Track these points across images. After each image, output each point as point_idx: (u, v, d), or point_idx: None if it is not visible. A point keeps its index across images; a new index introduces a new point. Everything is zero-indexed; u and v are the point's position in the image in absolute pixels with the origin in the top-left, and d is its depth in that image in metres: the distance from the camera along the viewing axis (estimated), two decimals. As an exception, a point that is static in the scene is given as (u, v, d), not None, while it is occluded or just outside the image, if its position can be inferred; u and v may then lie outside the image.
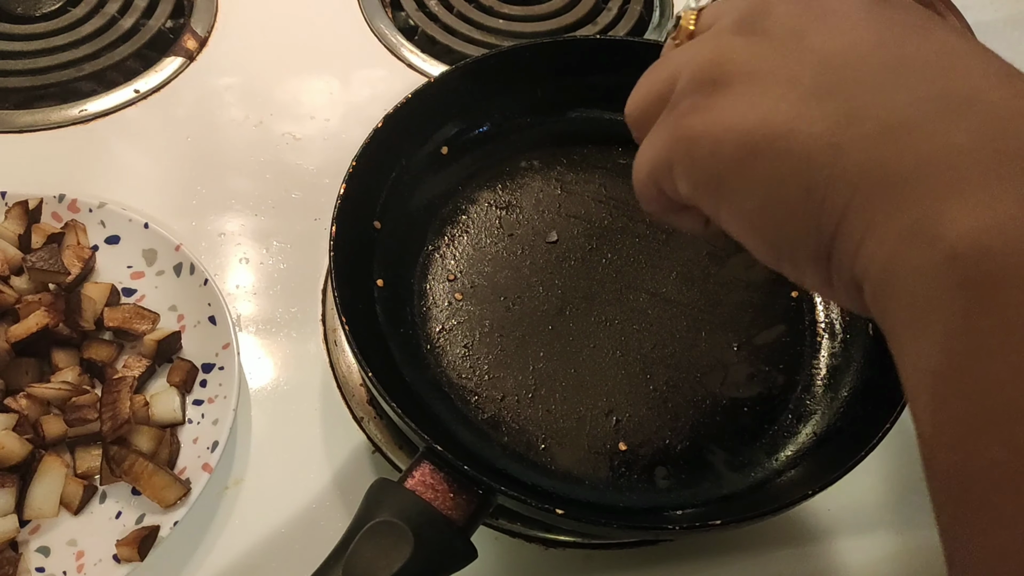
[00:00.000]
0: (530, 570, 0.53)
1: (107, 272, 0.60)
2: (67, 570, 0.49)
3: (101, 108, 0.72)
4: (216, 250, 0.65)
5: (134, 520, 0.51)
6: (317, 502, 0.55)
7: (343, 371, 0.59)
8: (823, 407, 0.56)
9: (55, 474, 0.51)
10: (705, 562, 0.54)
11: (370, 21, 0.81)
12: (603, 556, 0.54)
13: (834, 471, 0.48)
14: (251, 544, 0.53)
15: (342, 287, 0.52)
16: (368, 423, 0.57)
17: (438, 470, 0.46)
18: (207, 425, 0.54)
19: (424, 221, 0.62)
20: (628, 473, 0.54)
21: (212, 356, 0.57)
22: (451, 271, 0.61)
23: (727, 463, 0.54)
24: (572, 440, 0.55)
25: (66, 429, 0.52)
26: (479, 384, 0.56)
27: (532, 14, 0.83)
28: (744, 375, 0.58)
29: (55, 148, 0.69)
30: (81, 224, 0.61)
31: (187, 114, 0.73)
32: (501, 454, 0.54)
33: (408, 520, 0.43)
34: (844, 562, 0.55)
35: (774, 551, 0.55)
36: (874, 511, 0.57)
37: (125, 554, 0.49)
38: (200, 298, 0.58)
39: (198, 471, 0.52)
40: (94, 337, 0.57)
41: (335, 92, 0.76)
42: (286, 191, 0.69)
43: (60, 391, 0.53)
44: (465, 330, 0.58)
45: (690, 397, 0.57)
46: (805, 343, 0.59)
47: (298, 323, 0.62)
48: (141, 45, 0.77)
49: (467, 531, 0.45)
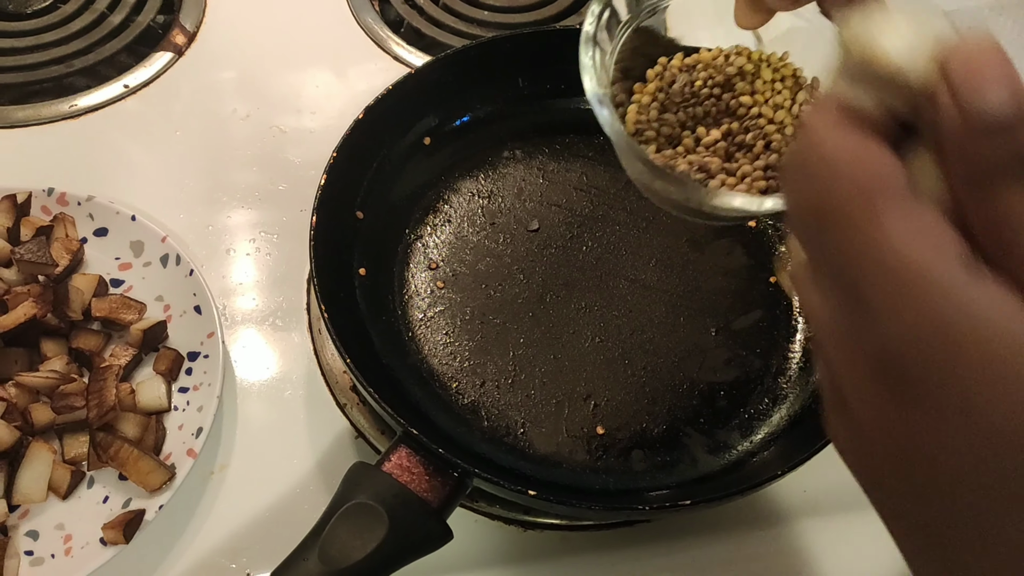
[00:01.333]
0: (508, 552, 0.54)
1: (95, 264, 0.61)
2: (55, 553, 0.51)
3: (91, 103, 0.73)
4: (203, 241, 0.66)
5: (120, 504, 0.52)
6: (301, 487, 0.56)
7: (327, 359, 0.60)
8: (797, 390, 0.57)
9: (43, 460, 0.52)
10: (682, 543, 0.55)
11: (357, 15, 0.82)
12: (580, 537, 0.55)
13: (806, 452, 0.49)
14: (235, 528, 0.54)
15: (323, 276, 0.53)
16: (351, 409, 0.58)
17: (415, 453, 0.47)
18: (192, 412, 0.55)
19: (406, 210, 0.63)
20: (605, 456, 0.55)
21: (197, 345, 0.58)
22: (433, 259, 0.62)
23: (703, 445, 0.55)
24: (551, 424, 0.55)
25: (54, 416, 0.53)
26: (460, 370, 0.57)
27: (517, 5, 0.84)
28: (721, 360, 0.59)
29: (46, 143, 0.71)
30: (70, 217, 0.62)
31: (176, 108, 0.74)
32: (481, 439, 0.55)
33: (383, 502, 0.44)
34: (820, 542, 0.56)
35: (751, 532, 0.56)
36: (849, 492, 0.57)
37: (111, 537, 0.50)
38: (186, 288, 0.59)
39: (183, 457, 0.53)
40: (82, 327, 0.58)
41: (322, 86, 0.77)
42: (273, 183, 0.70)
43: (48, 379, 0.54)
44: (446, 317, 0.59)
45: (668, 382, 0.57)
46: (781, 328, 0.60)
47: (283, 312, 0.63)
48: (130, 40, 0.78)
49: (442, 513, 0.46)
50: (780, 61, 0.49)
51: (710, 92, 0.48)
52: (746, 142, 0.47)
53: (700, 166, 0.46)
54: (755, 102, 0.48)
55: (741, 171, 0.46)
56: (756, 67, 0.49)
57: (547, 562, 0.54)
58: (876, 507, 0.28)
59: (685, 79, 0.49)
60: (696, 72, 0.49)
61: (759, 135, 0.47)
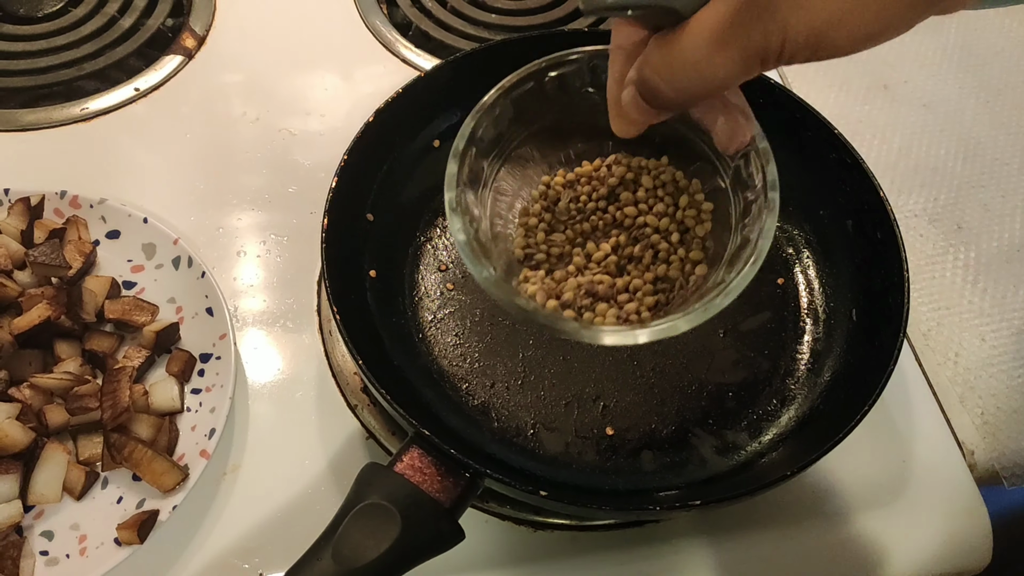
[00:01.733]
0: (519, 552, 0.54)
1: (108, 266, 0.62)
2: (70, 553, 0.51)
3: (102, 106, 0.73)
4: (214, 244, 0.66)
5: (135, 505, 0.53)
6: (312, 487, 0.56)
7: (338, 360, 0.61)
8: (806, 391, 0.57)
9: (58, 461, 0.53)
10: (690, 543, 0.55)
11: (365, 17, 0.82)
12: (590, 537, 0.55)
13: (814, 453, 0.49)
14: (248, 528, 0.54)
15: (334, 278, 0.54)
16: (362, 411, 0.59)
17: (426, 454, 0.47)
18: (205, 413, 0.56)
19: (416, 213, 0.64)
20: (615, 457, 0.55)
21: (209, 346, 0.58)
22: (443, 261, 0.62)
23: (712, 446, 0.55)
24: (560, 425, 0.56)
25: (68, 418, 0.54)
26: (470, 372, 0.58)
27: (524, 8, 0.84)
28: (730, 361, 0.59)
29: (57, 146, 0.71)
30: (82, 219, 0.63)
31: (186, 111, 0.74)
32: (491, 439, 0.55)
33: (396, 502, 0.45)
34: (828, 542, 0.56)
35: (759, 532, 0.56)
36: (856, 492, 0.58)
37: (126, 537, 0.50)
38: (198, 290, 0.60)
39: (196, 457, 0.53)
40: (95, 329, 0.59)
41: (331, 88, 0.77)
42: (283, 186, 0.70)
43: (62, 381, 0.55)
44: (456, 319, 0.60)
45: (676, 383, 0.58)
46: (788, 329, 0.60)
47: (294, 314, 0.63)
48: (141, 44, 0.78)
49: (454, 513, 0.47)
50: (658, 167, 0.49)
51: (596, 206, 0.49)
52: (634, 254, 0.47)
53: (587, 290, 0.46)
54: (639, 211, 0.48)
55: (632, 285, 0.47)
56: (636, 175, 0.49)
57: (557, 562, 0.54)
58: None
59: (569, 195, 0.49)
60: (579, 187, 0.50)
61: (647, 245, 0.47)
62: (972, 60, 0.85)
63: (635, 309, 0.46)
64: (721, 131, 0.43)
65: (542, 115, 0.49)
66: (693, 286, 0.46)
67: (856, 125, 0.79)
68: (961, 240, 0.72)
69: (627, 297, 0.46)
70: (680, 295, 0.46)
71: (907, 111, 0.81)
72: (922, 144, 0.79)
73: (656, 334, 0.42)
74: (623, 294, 0.47)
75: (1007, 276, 0.70)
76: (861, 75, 0.83)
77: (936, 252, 0.72)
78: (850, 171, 0.60)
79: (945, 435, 0.61)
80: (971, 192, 0.76)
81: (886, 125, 0.80)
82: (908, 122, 0.80)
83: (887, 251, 0.57)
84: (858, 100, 0.81)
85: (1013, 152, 0.79)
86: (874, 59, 0.85)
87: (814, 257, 0.63)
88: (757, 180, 0.43)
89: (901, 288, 0.55)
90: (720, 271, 0.45)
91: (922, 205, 0.74)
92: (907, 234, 0.72)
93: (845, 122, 0.70)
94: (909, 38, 0.86)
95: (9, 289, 0.57)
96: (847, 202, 0.61)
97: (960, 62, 0.85)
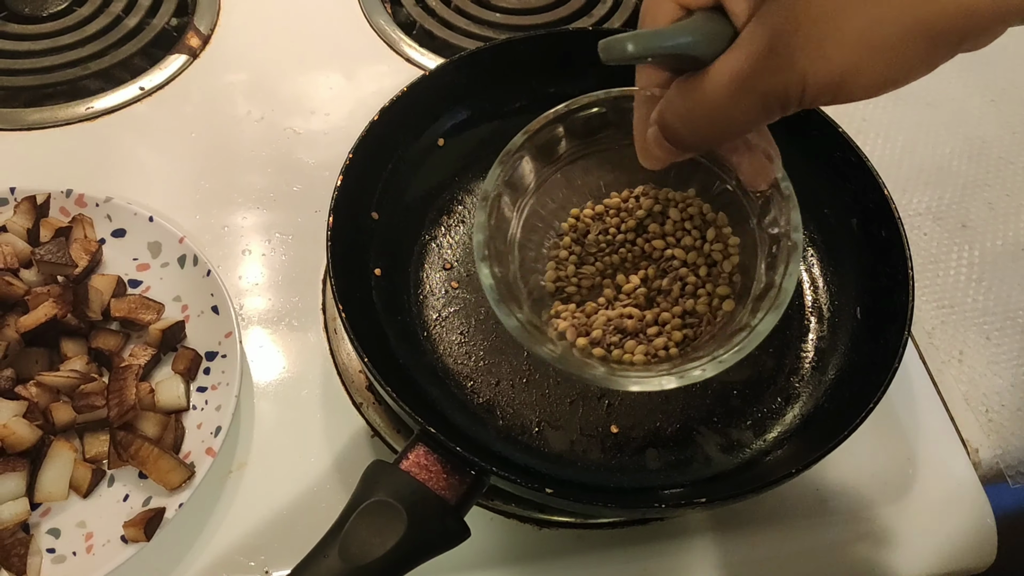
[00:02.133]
0: (524, 549, 0.54)
1: (113, 264, 0.62)
2: (77, 551, 0.51)
3: (107, 105, 0.74)
4: (219, 242, 0.66)
5: (141, 502, 0.53)
6: (318, 485, 0.56)
7: (343, 359, 0.61)
8: (810, 389, 0.57)
9: (64, 459, 0.53)
10: (695, 540, 0.55)
11: (369, 17, 0.82)
12: (595, 535, 0.55)
13: (819, 451, 0.49)
14: (254, 525, 0.54)
15: (340, 276, 0.54)
16: (367, 408, 0.59)
17: (432, 452, 0.47)
18: (211, 411, 0.56)
19: (421, 211, 0.64)
20: (620, 455, 0.55)
21: (215, 345, 0.58)
22: (448, 260, 0.62)
23: (716, 444, 0.55)
24: (565, 423, 0.56)
25: (75, 416, 0.54)
26: (475, 370, 0.58)
27: (529, 7, 0.84)
28: (734, 359, 0.59)
29: (63, 144, 0.71)
30: (88, 218, 0.63)
31: (191, 110, 0.75)
32: (496, 437, 0.55)
33: (402, 500, 0.45)
34: (832, 539, 0.56)
35: (764, 529, 0.56)
36: (861, 490, 0.58)
37: (132, 535, 0.50)
38: (203, 289, 0.60)
39: (202, 455, 0.54)
40: (101, 327, 0.59)
41: (335, 87, 0.77)
42: (288, 184, 0.70)
43: (69, 379, 0.55)
44: (461, 317, 0.60)
45: (681, 381, 0.58)
46: (793, 327, 0.60)
47: (299, 312, 0.63)
48: (146, 43, 0.78)
49: (460, 511, 0.47)
50: (685, 200, 0.49)
51: (625, 237, 0.49)
52: (663, 287, 0.48)
53: (616, 326, 0.47)
54: (667, 244, 0.48)
55: (661, 318, 0.47)
56: (664, 207, 0.49)
57: (562, 560, 0.54)
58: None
59: (599, 227, 0.50)
60: (608, 219, 0.50)
61: (675, 278, 0.48)
62: (976, 59, 0.85)
63: (663, 344, 0.47)
64: (746, 170, 0.44)
65: (569, 153, 0.50)
66: (721, 321, 0.47)
67: (860, 124, 0.79)
68: (966, 239, 0.72)
69: (656, 330, 0.47)
70: (707, 331, 0.47)
71: (911, 110, 0.81)
72: (927, 143, 0.79)
73: (682, 381, 0.43)
74: (652, 327, 0.47)
75: (1012, 274, 0.70)
76: (865, 74, 0.83)
77: (941, 251, 0.72)
78: (854, 170, 0.60)
79: (949, 433, 0.61)
80: (976, 191, 0.76)
81: (890, 124, 0.80)
82: (912, 121, 0.80)
83: (892, 249, 0.57)
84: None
85: (1018, 151, 0.79)
86: (878, 58, 0.84)
87: (819, 255, 0.63)
88: (781, 222, 0.44)
89: (906, 286, 0.55)
90: (746, 312, 0.45)
91: (926, 204, 0.74)
92: (911, 233, 0.72)
93: (849, 121, 0.70)
94: (913, 37, 0.86)
95: (15, 287, 0.57)
96: (851, 200, 0.61)
97: (964, 61, 0.84)
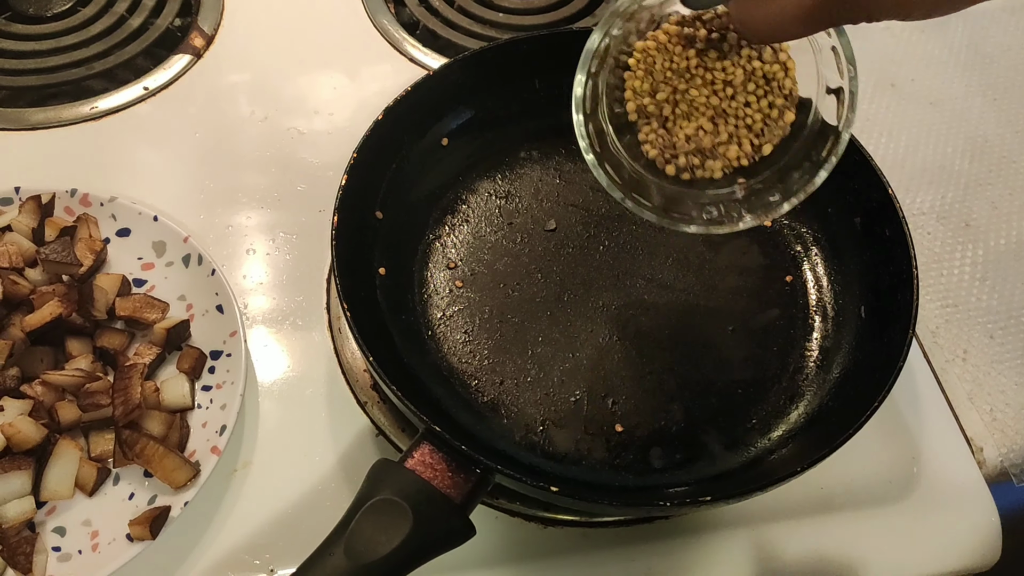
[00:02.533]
0: (529, 548, 0.54)
1: (118, 263, 0.62)
2: (82, 549, 0.51)
3: (111, 105, 0.74)
4: (224, 242, 0.66)
5: (146, 501, 0.53)
6: (323, 483, 0.56)
7: (347, 358, 0.61)
8: (815, 388, 0.57)
9: (70, 457, 0.53)
10: (700, 539, 0.55)
11: (373, 17, 0.82)
12: (600, 534, 0.55)
13: (823, 449, 0.49)
14: (259, 524, 0.54)
15: (344, 275, 0.54)
16: (372, 407, 0.59)
17: (437, 450, 0.47)
18: (215, 410, 0.56)
19: (425, 211, 0.64)
20: (624, 454, 0.55)
21: (220, 344, 0.59)
22: (451, 259, 0.62)
23: (721, 443, 0.55)
24: (570, 422, 0.56)
25: (80, 414, 0.54)
26: (479, 369, 0.58)
27: (532, 7, 0.84)
28: (739, 358, 0.59)
29: (67, 144, 0.71)
30: (93, 217, 0.63)
31: (195, 110, 0.75)
32: (500, 436, 0.55)
33: (407, 498, 0.45)
34: (837, 538, 0.56)
35: (768, 528, 0.56)
36: (866, 489, 0.58)
37: (138, 533, 0.51)
38: (208, 288, 0.60)
39: (207, 454, 0.54)
40: (106, 326, 0.59)
41: (339, 87, 0.77)
42: (292, 184, 0.70)
43: (74, 378, 0.55)
44: (465, 316, 0.60)
45: (685, 380, 0.58)
46: (798, 326, 0.60)
47: (304, 312, 0.64)
48: (150, 43, 0.78)
49: (465, 509, 0.47)
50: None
51: (688, 64, 0.49)
52: (732, 103, 0.49)
53: (697, 146, 0.49)
54: (733, 64, 0.49)
55: (730, 131, 0.49)
56: (722, 33, 0.49)
57: (567, 558, 0.54)
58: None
59: (663, 57, 0.50)
60: (671, 47, 0.50)
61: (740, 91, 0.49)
62: (979, 58, 0.85)
63: (735, 156, 0.49)
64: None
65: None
66: (780, 133, 0.48)
67: (863, 123, 0.79)
68: (969, 237, 0.72)
69: (727, 141, 0.49)
70: (774, 136, 0.49)
71: (914, 109, 0.81)
72: (929, 142, 0.79)
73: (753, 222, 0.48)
74: (725, 140, 0.49)
75: (1016, 273, 0.70)
76: (868, 73, 0.83)
77: (944, 250, 0.72)
78: (858, 169, 0.60)
79: (954, 432, 0.61)
80: (979, 190, 0.76)
81: (893, 123, 0.80)
82: (915, 120, 0.80)
83: (895, 248, 0.57)
84: (865, 98, 0.81)
85: (1021, 150, 0.79)
86: (881, 57, 0.85)
87: (823, 255, 0.63)
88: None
89: (910, 285, 0.55)
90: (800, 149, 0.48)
91: (930, 203, 0.74)
92: (915, 232, 0.71)
93: (853, 120, 0.70)
94: (915, 36, 0.86)
95: (21, 287, 0.57)
96: (855, 200, 0.61)
97: (967, 60, 0.85)
